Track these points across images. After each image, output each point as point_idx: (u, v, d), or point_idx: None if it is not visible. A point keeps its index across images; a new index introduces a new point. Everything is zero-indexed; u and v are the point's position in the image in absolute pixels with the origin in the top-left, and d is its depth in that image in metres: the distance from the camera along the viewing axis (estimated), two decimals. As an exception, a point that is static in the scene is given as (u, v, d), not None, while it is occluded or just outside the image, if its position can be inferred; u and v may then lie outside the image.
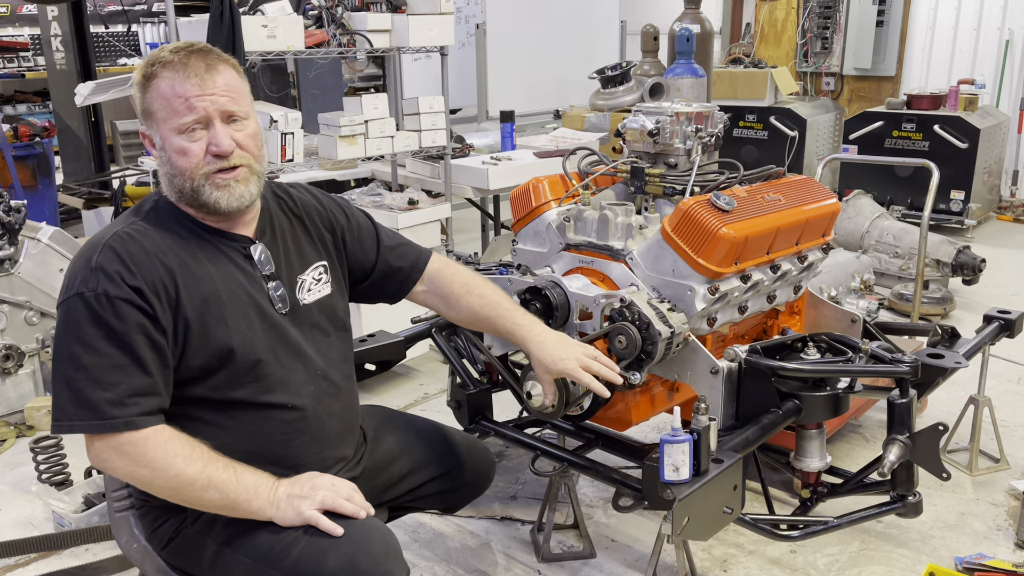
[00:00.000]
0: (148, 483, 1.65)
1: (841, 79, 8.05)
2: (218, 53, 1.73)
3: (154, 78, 1.67)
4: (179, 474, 1.62)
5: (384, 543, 1.70)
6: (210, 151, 1.68)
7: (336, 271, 1.97)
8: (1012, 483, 3.03)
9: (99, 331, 1.60)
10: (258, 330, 1.75)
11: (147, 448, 1.61)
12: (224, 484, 1.64)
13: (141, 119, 1.73)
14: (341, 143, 4.12)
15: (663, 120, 2.45)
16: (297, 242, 1.91)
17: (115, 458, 1.62)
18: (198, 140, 1.68)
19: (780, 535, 2.30)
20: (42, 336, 3.81)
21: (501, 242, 4.42)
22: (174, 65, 1.66)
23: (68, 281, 1.66)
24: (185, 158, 1.68)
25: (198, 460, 1.63)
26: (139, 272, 1.63)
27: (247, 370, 1.73)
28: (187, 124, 1.66)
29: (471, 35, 7.08)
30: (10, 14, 10.40)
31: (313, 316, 1.88)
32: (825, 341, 2.35)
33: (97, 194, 6.50)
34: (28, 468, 3.18)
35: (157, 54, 1.70)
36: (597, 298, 2.24)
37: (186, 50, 1.69)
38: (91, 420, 1.59)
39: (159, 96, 1.67)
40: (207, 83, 1.67)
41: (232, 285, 1.75)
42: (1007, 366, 3.99)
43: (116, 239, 1.66)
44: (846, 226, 5.14)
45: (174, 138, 1.67)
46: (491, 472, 2.25)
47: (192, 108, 1.66)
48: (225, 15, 3.69)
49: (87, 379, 1.59)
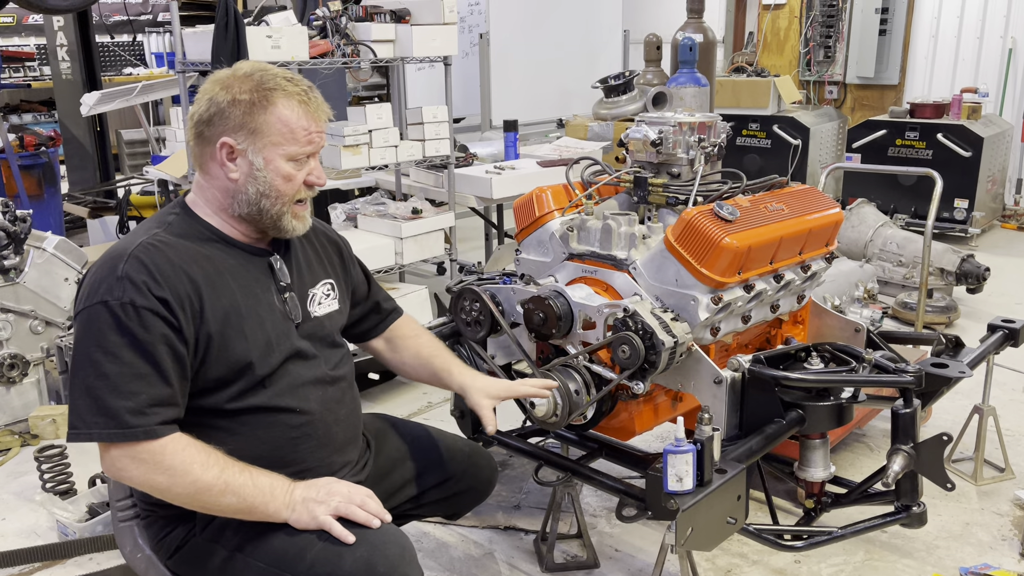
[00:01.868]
0: (165, 490, 1.65)
1: (844, 88, 8.06)
2: (320, 95, 1.86)
3: (275, 101, 1.75)
4: (196, 480, 1.63)
5: (400, 547, 1.72)
6: (308, 181, 1.82)
7: (341, 289, 2.03)
8: (1017, 493, 3.02)
9: (123, 340, 1.62)
10: (273, 341, 1.79)
11: (165, 456, 1.62)
12: (241, 488, 1.65)
13: (231, 130, 1.74)
14: (345, 153, 4.13)
15: (666, 130, 2.45)
16: (307, 258, 1.98)
17: (132, 466, 1.63)
18: (302, 170, 1.80)
19: (784, 545, 2.29)
20: (47, 345, 3.81)
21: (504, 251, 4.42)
22: (299, 96, 1.77)
23: (91, 288, 1.67)
24: (289, 184, 1.79)
25: (214, 466, 1.65)
26: (165, 283, 1.66)
27: (261, 380, 1.77)
28: (303, 154, 1.79)
29: (474, 45, 7.10)
30: (16, 24, 10.46)
31: (323, 328, 1.94)
32: (829, 351, 2.35)
33: (102, 203, 6.52)
34: (32, 477, 3.18)
35: (271, 77, 1.76)
36: (600, 308, 2.25)
37: (304, 84, 1.81)
38: (111, 429, 1.60)
39: (280, 121, 1.75)
40: (321, 122, 1.81)
41: (251, 298, 1.79)
42: (1011, 375, 3.98)
43: (142, 249, 1.68)
44: (850, 235, 5.14)
45: (283, 163, 1.77)
46: (493, 478, 2.26)
47: (312, 142, 1.79)
48: (230, 25, 3.71)
49: (108, 387, 1.60)
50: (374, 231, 4.50)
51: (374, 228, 4.51)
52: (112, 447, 1.62)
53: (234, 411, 1.75)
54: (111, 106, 5.58)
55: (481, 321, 2.46)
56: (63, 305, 3.90)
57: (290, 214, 1.82)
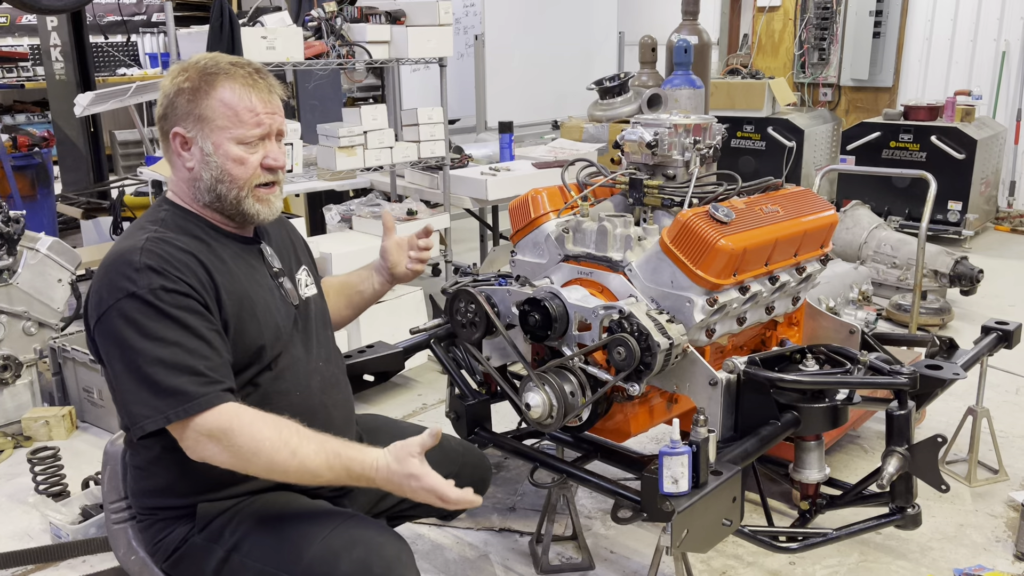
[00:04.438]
0: (242, 468, 1.62)
1: (838, 90, 8.08)
2: (273, 76, 1.83)
3: (217, 85, 1.73)
4: (268, 460, 1.60)
5: (397, 548, 1.72)
6: (266, 164, 1.78)
7: (314, 275, 2.07)
8: (1011, 494, 3.03)
9: (162, 323, 1.61)
10: (280, 325, 1.82)
11: (234, 433, 1.60)
12: (317, 469, 1.62)
13: (181, 120, 1.75)
14: (340, 154, 4.13)
15: (661, 132, 2.46)
16: (285, 244, 2.01)
17: (212, 446, 1.60)
18: (255, 153, 1.77)
19: (779, 547, 2.29)
20: (40, 347, 3.80)
21: (500, 253, 4.42)
22: (243, 78, 1.74)
23: (108, 290, 1.64)
24: (242, 167, 1.76)
25: (286, 444, 1.61)
26: (185, 270, 1.67)
27: (269, 363, 1.79)
28: (252, 136, 1.75)
29: (470, 46, 7.10)
30: (10, 24, 10.42)
31: (312, 310, 1.97)
32: (823, 352, 2.35)
33: (96, 204, 6.50)
34: (25, 479, 3.17)
35: (213, 63, 1.75)
36: (596, 309, 2.24)
37: (250, 67, 1.78)
38: (180, 405, 1.58)
39: (222, 104, 1.73)
40: (270, 102, 1.78)
41: (255, 284, 1.81)
42: (1005, 377, 3.99)
43: (150, 243, 1.69)
44: (844, 237, 5.15)
45: (232, 147, 1.74)
46: (488, 478, 2.26)
47: (260, 123, 1.76)
48: (225, 26, 3.70)
49: (165, 370, 1.59)
50: (369, 232, 4.50)
51: (369, 229, 4.51)
52: (189, 428, 1.59)
53: (242, 396, 1.75)
54: (105, 107, 5.55)
55: (476, 323, 2.45)
56: (56, 306, 3.88)
57: (252, 198, 1.79)
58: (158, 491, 1.79)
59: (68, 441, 3.56)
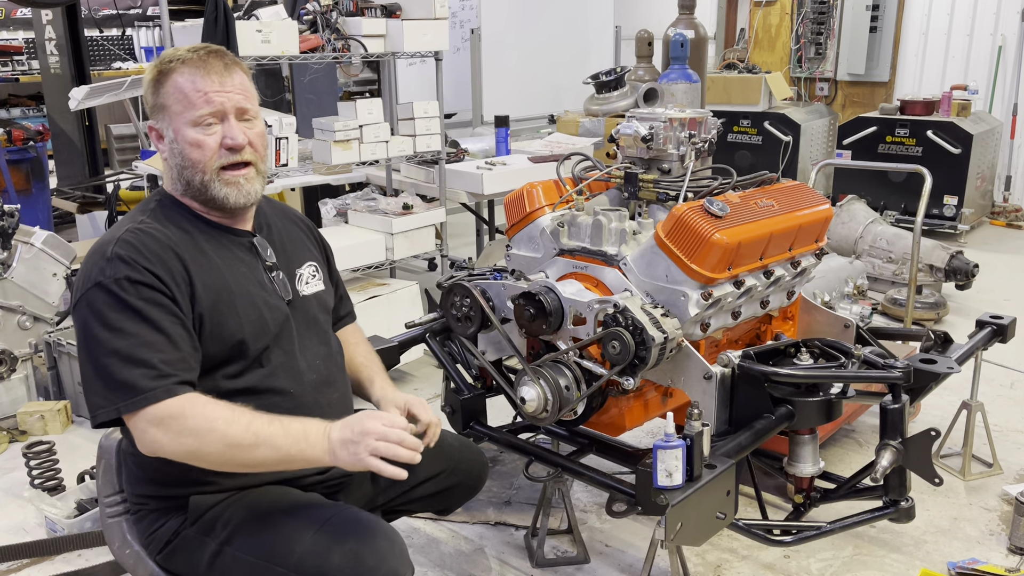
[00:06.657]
0: (196, 452, 1.61)
1: (835, 84, 8.08)
2: (233, 55, 1.81)
3: (171, 73, 1.74)
4: (224, 436, 1.59)
5: (390, 540, 1.72)
6: (224, 144, 1.75)
7: (324, 271, 2.05)
8: (1005, 488, 3.04)
9: (124, 314, 1.62)
10: (266, 319, 1.80)
11: (186, 417, 1.59)
12: (272, 438, 1.61)
13: (151, 113, 1.78)
14: (336, 148, 4.12)
15: (657, 126, 2.45)
16: (291, 239, 1.99)
17: (159, 434, 1.60)
18: (212, 134, 1.74)
19: (773, 540, 2.30)
20: (35, 341, 3.80)
21: (495, 247, 4.42)
22: (193, 62, 1.73)
23: (82, 279, 1.67)
24: (199, 150, 1.74)
25: (240, 419, 1.61)
26: (157, 261, 1.67)
27: (254, 359, 1.78)
28: (203, 116, 1.73)
29: (466, 40, 7.08)
30: (4, 18, 10.38)
31: (312, 308, 1.95)
32: (818, 346, 2.36)
33: (91, 198, 6.49)
34: (20, 473, 3.17)
35: (172, 52, 1.76)
36: (591, 303, 2.25)
37: (204, 50, 1.76)
38: (131, 398, 1.59)
39: (176, 90, 1.73)
40: (225, 81, 1.75)
41: (239, 277, 1.80)
42: (1000, 371, 4.00)
43: (129, 234, 1.70)
44: (840, 231, 5.15)
45: (188, 131, 1.73)
46: (484, 473, 2.27)
47: (210, 102, 1.73)
48: (220, 20, 3.69)
49: (119, 361, 1.60)
50: (364, 227, 4.49)
51: (364, 224, 4.51)
52: (137, 419, 1.60)
53: (230, 392, 1.74)
54: (100, 100, 5.54)
55: (471, 317, 2.45)
56: (51, 300, 3.88)
57: (219, 182, 1.77)
58: (148, 479, 1.79)
59: (63, 435, 3.55)
